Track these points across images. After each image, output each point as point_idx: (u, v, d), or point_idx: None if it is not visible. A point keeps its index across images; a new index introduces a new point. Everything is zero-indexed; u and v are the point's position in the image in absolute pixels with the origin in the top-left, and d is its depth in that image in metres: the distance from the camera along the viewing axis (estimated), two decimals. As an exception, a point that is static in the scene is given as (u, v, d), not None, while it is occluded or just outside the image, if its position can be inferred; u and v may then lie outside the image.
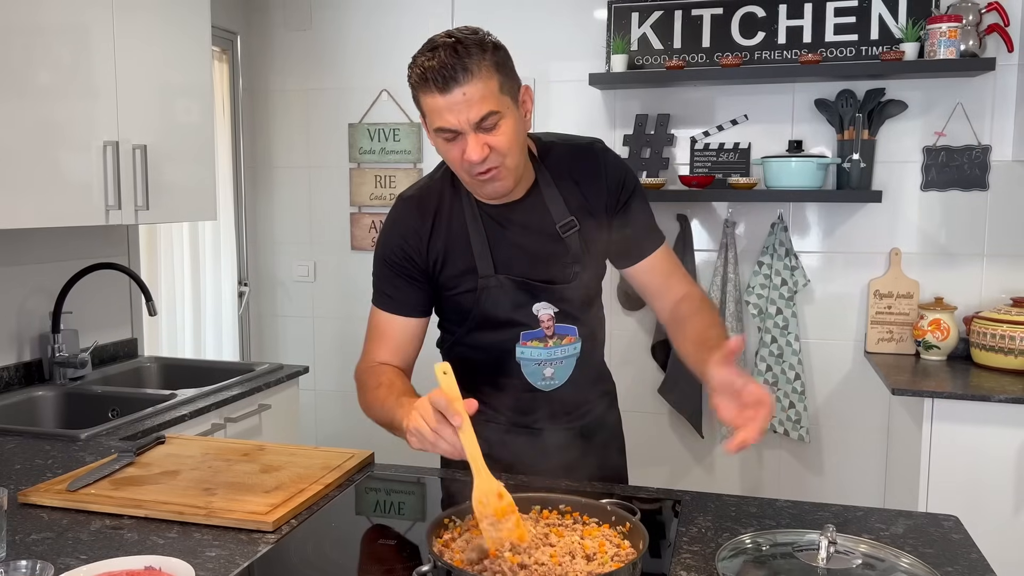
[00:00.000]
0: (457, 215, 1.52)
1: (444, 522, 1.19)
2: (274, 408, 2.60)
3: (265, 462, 1.61)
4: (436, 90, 1.31)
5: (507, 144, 1.36)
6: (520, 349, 1.56)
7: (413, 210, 1.54)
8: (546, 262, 1.53)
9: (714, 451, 3.32)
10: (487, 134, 1.34)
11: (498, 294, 1.52)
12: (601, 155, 1.57)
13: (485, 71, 1.32)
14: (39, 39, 2.08)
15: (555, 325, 1.55)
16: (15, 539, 1.29)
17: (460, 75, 1.30)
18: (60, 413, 2.40)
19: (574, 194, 1.53)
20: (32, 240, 2.47)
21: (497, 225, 1.52)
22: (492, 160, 1.37)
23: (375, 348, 1.58)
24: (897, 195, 3.05)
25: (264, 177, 3.72)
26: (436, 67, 1.31)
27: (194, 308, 3.36)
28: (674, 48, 3.16)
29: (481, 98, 1.31)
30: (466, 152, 1.35)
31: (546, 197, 1.52)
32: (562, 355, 1.58)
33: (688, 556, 1.22)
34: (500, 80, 1.35)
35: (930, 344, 2.92)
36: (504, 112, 1.35)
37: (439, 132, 1.36)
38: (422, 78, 1.33)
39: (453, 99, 1.31)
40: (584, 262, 1.54)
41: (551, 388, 1.59)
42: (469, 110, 1.31)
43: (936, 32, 2.80)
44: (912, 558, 1.16)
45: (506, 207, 1.51)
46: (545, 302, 1.53)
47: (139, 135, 2.40)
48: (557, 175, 1.53)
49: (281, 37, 3.63)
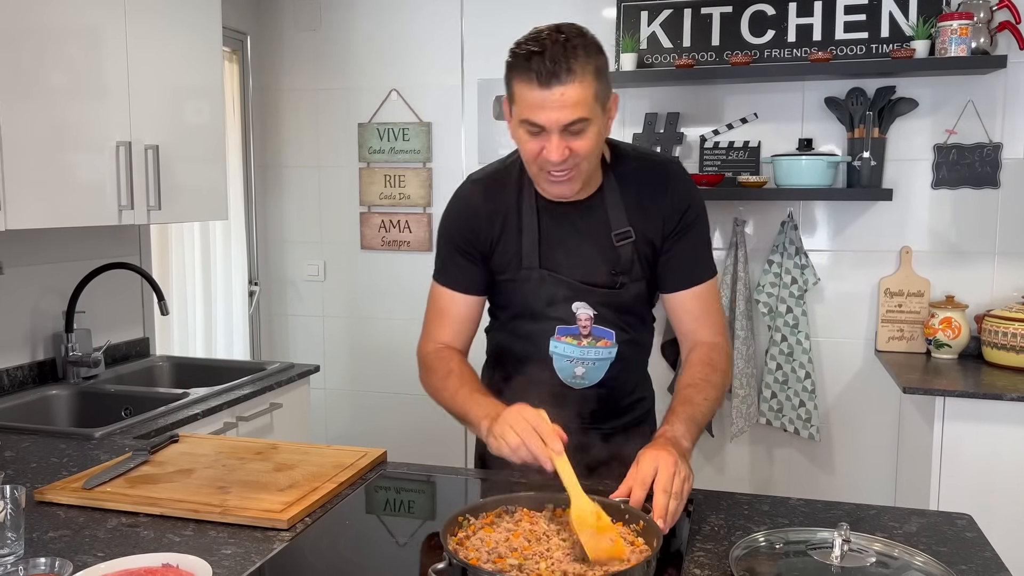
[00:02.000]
0: (518, 204, 1.55)
1: (459, 520, 1.19)
2: (285, 407, 2.61)
3: (278, 461, 1.62)
4: (537, 83, 1.32)
5: (587, 150, 1.38)
6: (554, 343, 1.58)
7: (479, 193, 1.58)
8: (593, 266, 1.54)
9: (724, 450, 3.32)
10: (571, 138, 1.36)
11: (538, 287, 1.54)
12: (673, 175, 1.56)
13: (588, 77, 1.33)
14: (52, 41, 2.10)
15: (593, 326, 1.56)
16: (32, 537, 1.30)
17: (564, 75, 1.31)
18: (73, 412, 2.41)
19: (636, 206, 1.53)
20: (45, 240, 2.49)
21: (553, 221, 1.54)
22: (569, 163, 1.38)
23: (437, 327, 1.63)
24: (908, 193, 3.04)
25: (274, 177, 3.74)
26: (542, 60, 1.31)
27: (205, 307, 3.38)
28: (683, 46, 3.16)
29: (576, 103, 1.32)
30: (546, 150, 1.37)
31: (608, 203, 1.53)
32: (595, 356, 1.58)
33: (701, 554, 1.22)
34: (596, 88, 1.36)
35: (941, 342, 2.91)
36: (593, 120, 1.36)
37: (524, 124, 1.37)
38: (526, 66, 1.33)
39: (551, 97, 1.32)
40: (632, 274, 1.54)
41: (581, 387, 1.60)
42: (562, 112, 1.32)
43: (947, 29, 2.79)
44: (926, 556, 1.16)
45: (567, 206, 1.53)
46: (585, 303, 1.55)
47: (151, 135, 2.41)
48: (624, 184, 1.54)
49: (291, 37, 3.64)
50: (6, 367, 2.37)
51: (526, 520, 1.22)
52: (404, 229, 3.56)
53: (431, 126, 3.50)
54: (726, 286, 3.15)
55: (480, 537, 1.16)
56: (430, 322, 1.64)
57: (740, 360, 3.12)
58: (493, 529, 1.19)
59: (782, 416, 3.16)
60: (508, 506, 1.25)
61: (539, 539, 1.15)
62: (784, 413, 3.16)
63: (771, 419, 3.17)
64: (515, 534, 1.17)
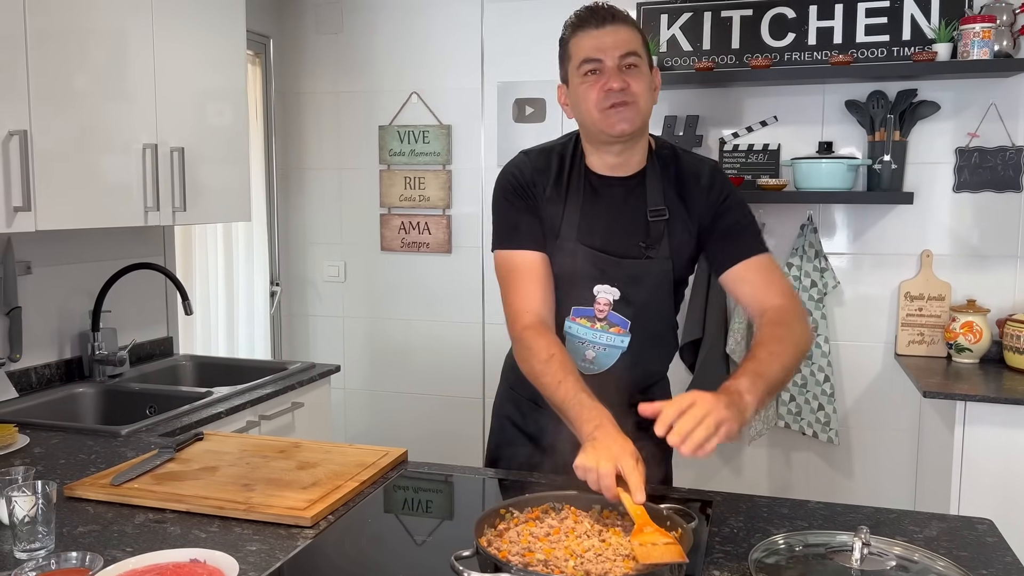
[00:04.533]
0: (567, 179, 1.61)
1: (501, 512, 1.21)
2: (307, 406, 2.64)
3: (301, 459, 1.64)
4: (593, 25, 1.51)
5: (640, 90, 1.51)
6: (568, 323, 1.62)
7: (534, 161, 1.64)
8: (624, 239, 1.59)
9: (742, 453, 3.31)
10: (626, 72, 1.50)
11: (570, 260, 1.58)
12: (713, 170, 1.63)
13: (634, 25, 1.55)
14: (81, 44, 2.13)
15: (610, 312, 1.60)
16: (63, 531, 1.33)
17: (617, 16, 1.53)
18: (99, 409, 2.45)
19: (675, 193, 1.61)
20: (73, 241, 2.53)
21: (597, 196, 1.61)
22: (627, 95, 1.49)
23: (525, 295, 1.56)
24: (929, 196, 3.03)
25: (296, 178, 3.78)
26: (595, 11, 1.53)
27: (227, 307, 3.41)
28: (703, 49, 3.16)
29: (628, 39, 1.51)
30: (607, 82, 1.49)
31: (648, 183, 1.60)
32: (606, 342, 1.61)
33: (721, 556, 1.23)
34: (643, 41, 1.55)
35: (962, 347, 2.90)
36: (643, 66, 1.53)
37: (584, 65, 1.51)
38: (580, 19, 1.54)
39: (605, 33, 1.50)
40: (659, 250, 1.58)
41: (589, 372, 1.61)
42: (617, 44, 1.50)
43: (969, 32, 2.77)
44: (946, 561, 1.16)
45: (612, 182, 1.60)
46: (608, 285, 1.59)
47: (176, 138, 2.45)
48: (665, 170, 1.62)
49: (313, 41, 3.67)
50: (34, 365, 2.41)
51: (572, 518, 1.24)
52: (424, 231, 3.58)
53: (451, 129, 3.52)
54: (745, 289, 3.14)
55: (518, 531, 1.18)
56: (515, 293, 1.57)
57: (759, 363, 3.11)
58: (535, 524, 1.20)
59: (801, 419, 3.15)
60: (555, 503, 1.27)
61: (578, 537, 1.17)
62: (803, 416, 3.15)
63: (790, 422, 3.17)
64: (556, 531, 1.18)
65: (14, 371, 2.33)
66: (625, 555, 1.12)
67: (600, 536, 1.18)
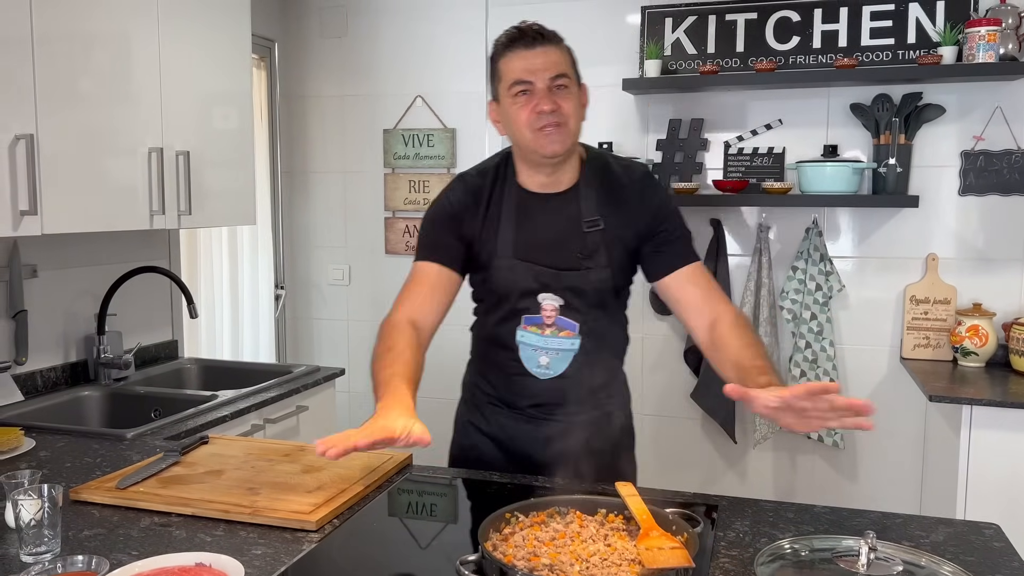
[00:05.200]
0: (500, 198, 1.67)
1: (506, 516, 1.21)
2: (312, 410, 2.64)
3: (306, 463, 1.64)
4: (523, 46, 1.55)
5: (570, 110, 1.56)
6: (520, 332, 1.68)
7: (468, 186, 1.70)
8: (563, 250, 1.63)
9: (747, 457, 3.31)
10: (556, 93, 1.55)
11: (509, 275, 1.65)
12: (645, 176, 1.69)
13: (563, 47, 1.60)
14: (87, 48, 2.14)
15: (557, 317, 1.65)
16: (68, 535, 1.33)
17: (546, 39, 1.57)
18: (104, 412, 2.46)
19: (608, 202, 1.65)
20: (78, 244, 2.54)
21: (531, 212, 1.65)
22: (559, 116, 1.55)
23: (405, 297, 1.67)
24: (934, 200, 3.02)
25: (300, 182, 3.78)
26: (525, 32, 1.56)
27: (232, 310, 3.42)
28: (708, 53, 3.16)
29: (557, 61, 1.56)
30: (538, 104, 1.54)
31: (582, 195, 1.65)
32: (557, 346, 1.66)
33: (726, 560, 1.23)
34: (571, 62, 1.60)
35: (968, 350, 2.89)
36: (571, 86, 1.58)
37: (516, 86, 1.55)
38: (510, 39, 1.57)
39: (535, 54, 1.55)
40: (597, 260, 1.62)
41: (546, 377, 1.68)
42: (547, 67, 1.54)
43: (975, 36, 2.77)
44: (953, 566, 1.16)
45: (545, 197, 1.65)
46: (552, 293, 1.64)
47: (182, 141, 2.46)
48: (597, 180, 1.66)
49: (318, 44, 3.68)
50: (40, 368, 2.42)
51: (577, 522, 1.24)
52: (428, 234, 3.58)
53: (455, 132, 3.52)
54: (750, 292, 3.14)
55: (524, 535, 1.18)
56: (400, 295, 1.68)
57: (764, 367, 3.11)
58: (540, 529, 1.20)
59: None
60: (560, 508, 1.27)
61: (584, 542, 1.17)
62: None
63: (795, 426, 3.15)
64: (561, 535, 1.18)
65: (20, 374, 2.34)
66: (631, 560, 1.12)
67: (605, 540, 1.18)
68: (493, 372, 1.75)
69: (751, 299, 3.14)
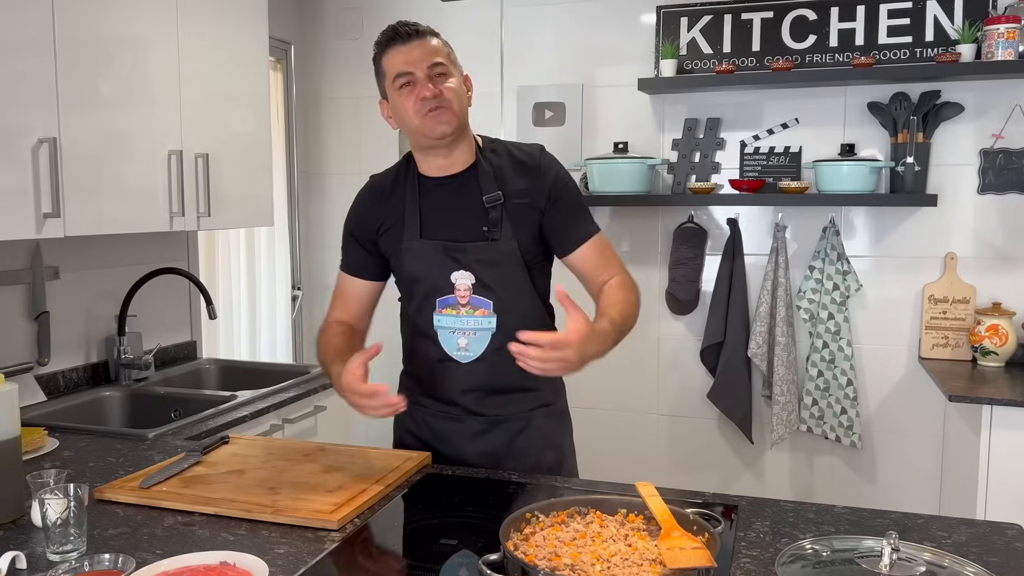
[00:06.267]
0: (403, 190, 1.74)
1: (527, 516, 1.22)
2: (330, 410, 2.65)
3: (327, 462, 1.65)
4: (400, 42, 1.63)
5: (453, 92, 1.64)
6: (436, 317, 1.72)
7: (372, 188, 1.80)
8: (468, 226, 1.68)
9: (764, 457, 3.30)
10: (438, 80, 1.62)
11: (419, 256, 1.70)
12: (539, 154, 1.75)
13: (439, 40, 1.68)
14: (107, 51, 2.16)
15: (471, 296, 1.69)
16: (93, 533, 1.34)
17: (421, 32, 1.65)
18: (125, 412, 2.48)
19: (506, 177, 1.70)
20: (99, 246, 2.57)
21: (432, 196, 1.72)
22: (441, 100, 1.61)
23: (333, 308, 1.86)
24: (953, 199, 3.00)
25: (317, 184, 3.80)
26: (399, 28, 1.65)
27: (250, 311, 3.44)
28: (724, 52, 3.15)
29: (435, 51, 1.64)
30: (420, 91, 1.61)
31: (480, 175, 1.70)
32: (475, 326, 1.69)
33: (747, 560, 1.23)
34: (449, 52, 1.69)
35: (987, 350, 2.87)
36: (451, 73, 1.65)
37: (399, 79, 1.62)
38: (388, 38, 1.65)
39: (412, 47, 1.62)
40: (501, 231, 1.67)
41: (466, 360, 1.71)
42: (424, 57, 1.62)
43: (994, 33, 2.75)
44: (976, 567, 1.15)
45: (444, 181, 1.71)
46: (464, 271, 1.68)
47: (201, 144, 2.48)
48: (495, 161, 1.72)
49: (333, 46, 3.70)
50: (62, 369, 2.44)
51: (597, 522, 1.24)
52: (444, 235, 3.59)
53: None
54: (767, 292, 3.13)
55: (544, 535, 1.18)
56: (330, 305, 1.86)
57: (781, 367, 3.10)
58: (561, 528, 1.21)
59: (823, 423, 3.14)
60: (581, 507, 1.27)
61: (604, 542, 1.17)
62: (825, 420, 3.13)
63: (812, 426, 3.15)
64: (581, 535, 1.19)
65: (42, 375, 2.36)
66: (652, 559, 1.12)
67: (626, 540, 1.19)
68: (418, 364, 1.80)
69: (768, 299, 3.13)
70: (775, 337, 3.12)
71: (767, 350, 3.14)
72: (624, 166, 3.13)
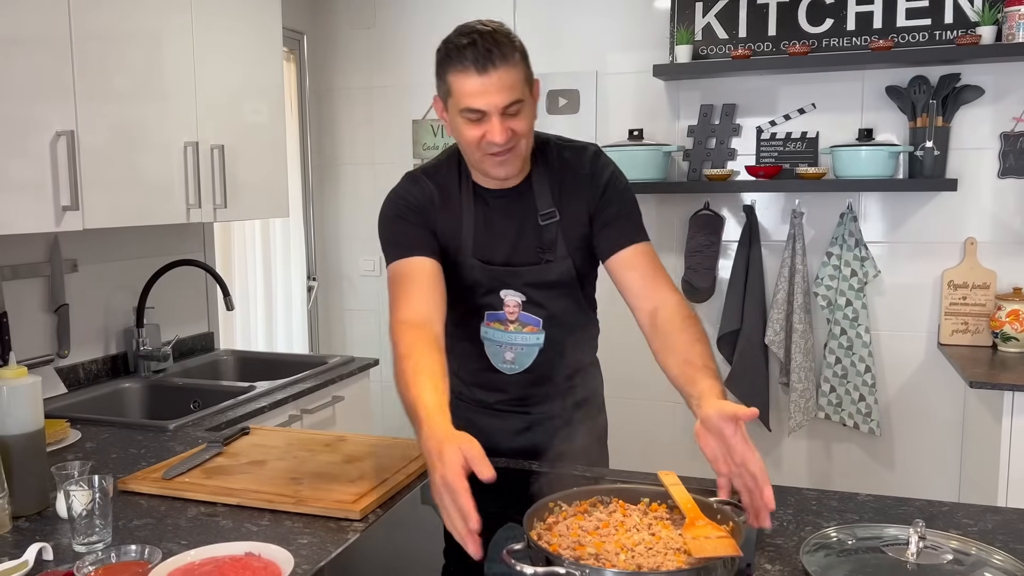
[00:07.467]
0: (455, 197, 1.61)
1: (550, 506, 1.21)
2: (347, 400, 2.66)
3: (347, 452, 1.66)
4: (475, 71, 1.41)
5: (525, 130, 1.48)
6: (484, 329, 1.66)
7: (423, 185, 1.62)
8: (519, 247, 1.61)
9: (782, 444, 3.29)
10: (510, 119, 1.45)
11: (470, 274, 1.61)
12: (592, 156, 1.63)
13: (517, 60, 1.44)
14: (123, 44, 2.17)
15: (520, 312, 1.64)
16: (118, 524, 1.35)
17: (498, 60, 1.41)
18: (145, 404, 2.50)
19: (561, 188, 1.61)
20: (117, 239, 2.58)
21: (487, 210, 1.61)
22: (510, 143, 1.46)
23: (403, 299, 1.50)
24: (972, 183, 2.97)
25: (331, 174, 3.80)
26: (476, 49, 1.40)
27: (266, 302, 3.45)
28: (739, 37, 3.13)
29: (511, 85, 1.42)
30: (489, 133, 1.44)
31: (536, 188, 1.60)
32: (522, 342, 1.65)
33: (771, 549, 1.22)
34: (525, 71, 1.47)
35: (1008, 336, 2.84)
36: (526, 101, 1.47)
37: (465, 112, 1.44)
38: (460, 57, 1.42)
39: (488, 81, 1.41)
40: (556, 252, 1.60)
41: (512, 372, 1.68)
42: (500, 95, 1.42)
43: (1015, 15, 2.71)
44: (1004, 554, 1.14)
45: (500, 193, 1.60)
46: (513, 289, 1.62)
47: (216, 135, 2.48)
48: (549, 169, 1.61)
49: (346, 36, 3.69)
50: (82, 361, 2.46)
51: (620, 512, 1.24)
52: (458, 224, 3.59)
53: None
54: (784, 279, 3.11)
55: (567, 524, 1.18)
56: (394, 301, 1.52)
57: (799, 354, 3.09)
58: (584, 518, 1.21)
59: (841, 410, 3.12)
60: (603, 497, 1.27)
61: (628, 531, 1.17)
62: (843, 407, 3.11)
63: (830, 413, 3.13)
64: (604, 524, 1.18)
65: (63, 367, 2.38)
66: (676, 548, 1.12)
67: (649, 530, 1.18)
68: (459, 365, 1.71)
69: (785, 285, 3.11)
70: (792, 324, 3.10)
71: (784, 337, 3.12)
72: (639, 153, 3.11)
